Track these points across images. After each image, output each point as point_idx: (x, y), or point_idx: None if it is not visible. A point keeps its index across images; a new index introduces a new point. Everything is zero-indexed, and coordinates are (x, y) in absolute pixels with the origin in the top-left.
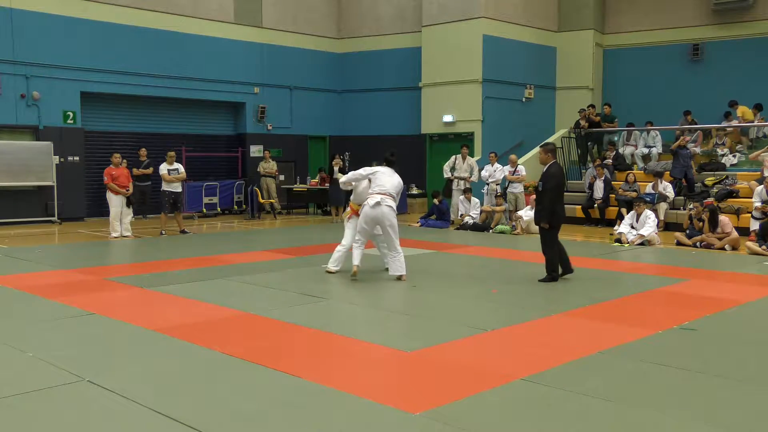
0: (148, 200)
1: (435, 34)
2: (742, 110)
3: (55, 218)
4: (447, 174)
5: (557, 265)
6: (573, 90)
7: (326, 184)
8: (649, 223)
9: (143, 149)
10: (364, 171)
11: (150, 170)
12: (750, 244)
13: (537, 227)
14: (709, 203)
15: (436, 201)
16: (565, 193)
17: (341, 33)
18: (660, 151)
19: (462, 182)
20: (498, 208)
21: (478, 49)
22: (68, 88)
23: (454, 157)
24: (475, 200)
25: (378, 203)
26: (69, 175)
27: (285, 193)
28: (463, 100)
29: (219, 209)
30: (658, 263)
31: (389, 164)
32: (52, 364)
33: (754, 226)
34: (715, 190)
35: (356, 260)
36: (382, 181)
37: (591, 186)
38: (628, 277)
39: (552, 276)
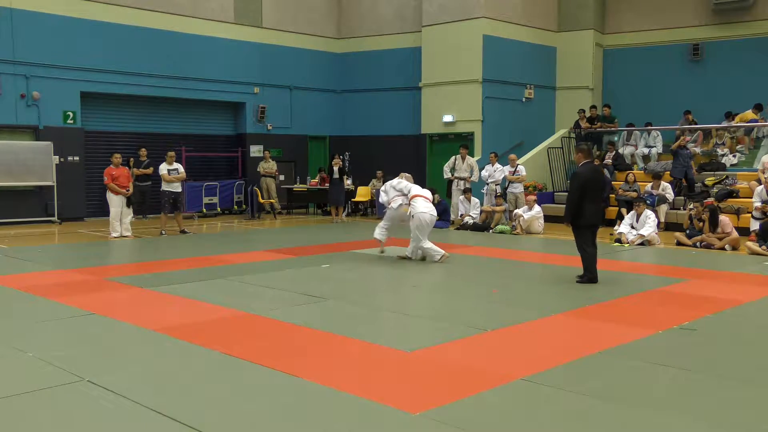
0: (148, 200)
1: (435, 34)
2: (741, 116)
3: (55, 218)
4: (447, 175)
5: (592, 265)
6: (573, 90)
7: (326, 184)
8: (649, 223)
9: (143, 149)
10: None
11: (150, 170)
12: (750, 244)
13: (536, 227)
14: (709, 203)
15: (436, 200)
16: (564, 193)
17: (341, 33)
18: (660, 151)
19: (462, 182)
20: (498, 208)
21: (478, 49)
22: (68, 88)
23: (453, 157)
24: (475, 200)
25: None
26: (69, 175)
27: (285, 193)
28: (463, 100)
29: (219, 209)
30: (658, 263)
31: None
32: (52, 364)
33: (754, 226)
34: (715, 190)
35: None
36: None
37: None
38: (628, 277)
39: (587, 277)
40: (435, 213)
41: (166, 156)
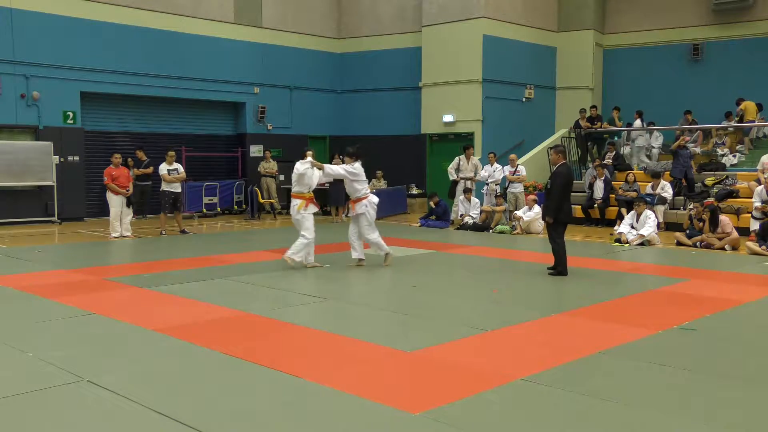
0: (148, 200)
1: (435, 34)
2: (746, 105)
3: (55, 218)
4: (453, 176)
5: (564, 257)
6: (573, 90)
7: (326, 184)
8: (649, 223)
9: (140, 150)
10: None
11: (150, 169)
12: (750, 244)
13: (536, 227)
14: (709, 203)
15: (432, 204)
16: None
17: (341, 33)
18: (660, 144)
19: (468, 182)
20: (498, 208)
21: (478, 49)
22: (68, 88)
23: (457, 158)
24: (475, 200)
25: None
26: (69, 175)
27: (285, 193)
28: (463, 100)
29: (219, 209)
30: (658, 263)
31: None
32: (52, 364)
33: (754, 226)
34: (715, 190)
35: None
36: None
37: (591, 186)
38: (628, 277)
39: (559, 269)
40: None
41: (166, 156)
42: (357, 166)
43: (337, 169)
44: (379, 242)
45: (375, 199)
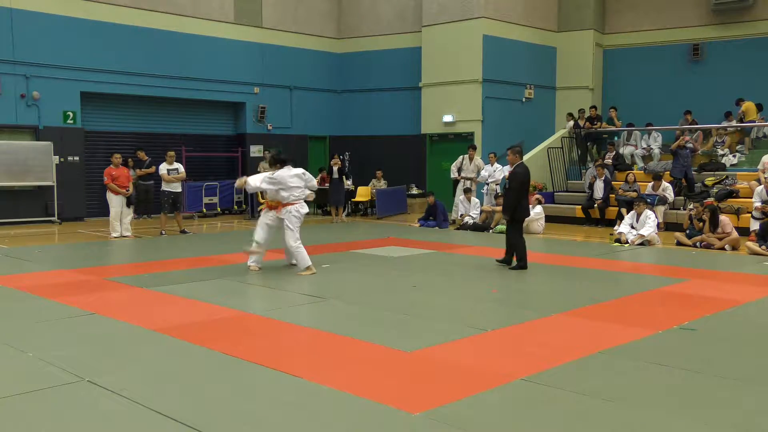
0: (151, 198)
1: (435, 34)
2: (747, 105)
3: (55, 218)
4: (454, 174)
5: (525, 252)
6: (573, 90)
7: (326, 184)
8: (649, 223)
9: (140, 151)
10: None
11: (152, 169)
12: (750, 244)
13: (536, 227)
14: (709, 203)
15: (430, 201)
16: (564, 193)
17: (341, 33)
18: (659, 145)
19: (469, 182)
20: (498, 208)
21: (478, 49)
22: (68, 88)
23: (461, 157)
24: (475, 200)
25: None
26: (69, 175)
27: None
28: (463, 100)
29: (219, 209)
30: (658, 263)
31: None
32: (52, 364)
33: (754, 226)
34: (715, 190)
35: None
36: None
37: (591, 186)
38: (628, 277)
39: (520, 264)
40: None
41: (166, 156)
42: (278, 174)
43: (254, 183)
44: (298, 252)
45: (304, 209)
